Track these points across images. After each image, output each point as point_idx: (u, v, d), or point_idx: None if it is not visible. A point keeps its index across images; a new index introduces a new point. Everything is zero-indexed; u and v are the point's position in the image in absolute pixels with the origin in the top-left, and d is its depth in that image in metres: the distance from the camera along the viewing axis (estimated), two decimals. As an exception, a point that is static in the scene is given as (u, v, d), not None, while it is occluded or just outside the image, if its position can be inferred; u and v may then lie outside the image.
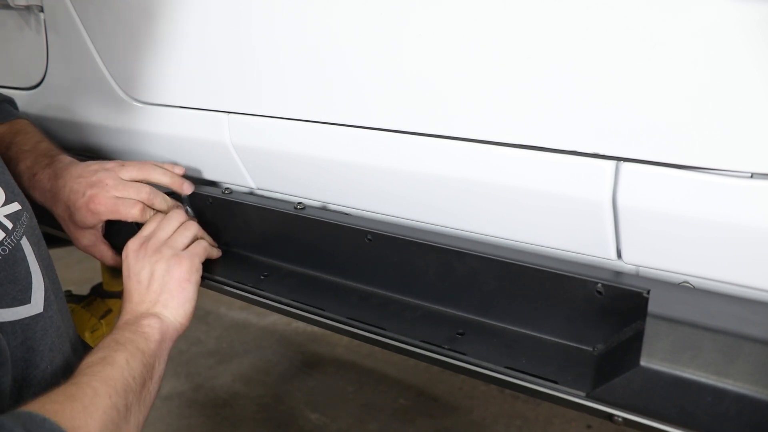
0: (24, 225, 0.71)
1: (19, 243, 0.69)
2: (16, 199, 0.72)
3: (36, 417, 0.53)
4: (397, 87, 0.72)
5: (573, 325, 0.69)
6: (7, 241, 0.67)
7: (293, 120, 0.84)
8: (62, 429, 0.54)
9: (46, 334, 0.69)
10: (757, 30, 0.50)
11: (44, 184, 0.91)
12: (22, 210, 0.72)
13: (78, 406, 0.58)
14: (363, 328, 0.77)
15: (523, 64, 0.63)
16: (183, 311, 0.81)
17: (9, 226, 0.69)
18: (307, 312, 0.82)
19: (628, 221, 0.64)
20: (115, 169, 0.92)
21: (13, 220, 0.70)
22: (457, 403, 2.31)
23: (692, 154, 0.57)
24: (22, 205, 0.73)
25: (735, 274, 0.62)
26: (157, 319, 0.77)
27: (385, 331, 0.75)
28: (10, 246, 0.68)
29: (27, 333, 0.67)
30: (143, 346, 0.72)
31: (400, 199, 0.83)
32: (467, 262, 0.74)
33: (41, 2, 1.07)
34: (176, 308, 0.81)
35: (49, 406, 0.56)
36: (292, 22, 0.78)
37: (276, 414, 2.32)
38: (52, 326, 0.71)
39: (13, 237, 0.68)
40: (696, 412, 0.53)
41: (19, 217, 0.71)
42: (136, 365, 0.69)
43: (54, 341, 0.71)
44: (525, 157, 0.67)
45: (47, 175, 0.91)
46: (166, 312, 0.79)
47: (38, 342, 0.68)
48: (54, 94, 1.16)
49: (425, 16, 0.67)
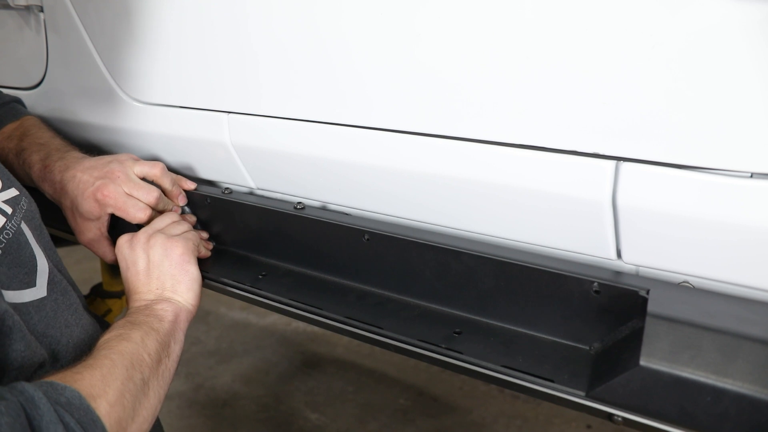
0: (23, 210, 0.73)
1: (19, 227, 0.71)
2: (12, 185, 0.74)
3: (57, 385, 0.55)
4: (397, 87, 0.72)
5: (569, 324, 0.69)
6: (8, 226, 0.69)
7: (293, 120, 0.84)
8: (81, 394, 0.56)
9: (57, 314, 0.70)
10: (757, 30, 0.50)
11: (55, 176, 0.92)
12: (20, 195, 0.74)
13: (97, 375, 0.60)
14: (360, 327, 0.77)
15: (523, 64, 0.63)
16: (192, 293, 0.82)
17: (8, 211, 0.70)
18: (305, 311, 0.82)
19: (628, 221, 0.64)
20: (127, 162, 0.92)
21: (12, 205, 0.71)
22: (456, 403, 2.31)
23: (692, 153, 0.57)
24: (20, 191, 0.75)
25: (735, 274, 0.62)
26: (169, 302, 0.78)
27: (382, 330, 0.75)
28: (12, 230, 0.69)
29: (41, 313, 0.68)
30: (157, 326, 0.73)
31: (400, 199, 0.83)
32: (464, 261, 0.74)
33: (41, 2, 1.07)
34: (185, 292, 0.81)
35: (70, 376, 0.59)
36: (293, 22, 0.78)
37: (276, 414, 2.32)
38: (61, 306, 0.72)
39: (13, 221, 0.70)
40: (696, 411, 0.53)
41: (18, 201, 0.73)
42: (151, 343, 0.70)
43: (68, 318, 0.72)
44: (524, 157, 0.67)
45: (59, 167, 0.92)
46: (176, 297, 0.80)
47: (52, 321, 0.70)
48: (54, 94, 1.16)
49: (425, 16, 0.67)
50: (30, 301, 0.68)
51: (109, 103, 1.05)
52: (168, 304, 0.78)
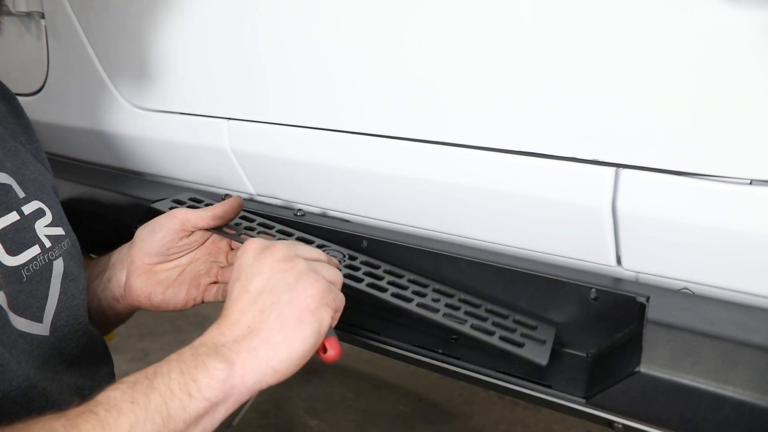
0: (63, 249, 0.74)
1: (51, 263, 0.72)
2: (61, 225, 0.75)
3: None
4: (397, 94, 0.72)
5: (567, 331, 0.69)
6: (40, 258, 0.70)
7: (293, 126, 0.85)
8: None
9: (52, 356, 0.70)
10: (756, 36, 0.50)
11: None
12: (64, 236, 0.75)
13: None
14: (357, 332, 0.77)
15: (522, 71, 0.63)
16: (286, 354, 0.56)
17: (47, 245, 0.72)
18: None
19: (628, 228, 0.65)
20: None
21: (53, 241, 0.73)
22: (456, 409, 2.30)
23: (691, 160, 0.57)
24: (67, 233, 0.76)
25: (735, 281, 0.62)
26: (232, 366, 0.54)
27: (378, 336, 0.75)
28: (42, 263, 0.70)
29: (39, 350, 0.68)
30: (176, 407, 0.51)
31: (401, 205, 0.83)
32: (461, 267, 0.74)
33: (42, 8, 1.08)
34: (277, 347, 0.55)
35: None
36: (293, 30, 0.78)
37: (276, 420, 2.31)
38: (61, 350, 0.71)
39: (47, 256, 0.71)
40: (696, 418, 0.53)
41: (60, 240, 0.74)
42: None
43: (59, 366, 0.70)
44: (524, 164, 0.67)
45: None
46: (261, 351, 0.55)
47: (46, 362, 0.69)
48: (54, 100, 1.16)
49: (424, 23, 0.67)
50: (35, 334, 0.68)
51: (109, 109, 1.06)
52: (223, 370, 0.53)
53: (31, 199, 0.73)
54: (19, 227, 0.70)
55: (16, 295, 0.66)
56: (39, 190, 0.75)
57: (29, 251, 0.69)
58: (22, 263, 0.68)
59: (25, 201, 0.72)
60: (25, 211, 0.72)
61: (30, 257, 0.69)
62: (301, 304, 0.58)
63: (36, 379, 0.65)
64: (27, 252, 0.69)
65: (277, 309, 0.57)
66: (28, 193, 0.73)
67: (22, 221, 0.70)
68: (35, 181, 0.75)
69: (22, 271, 0.68)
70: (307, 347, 0.57)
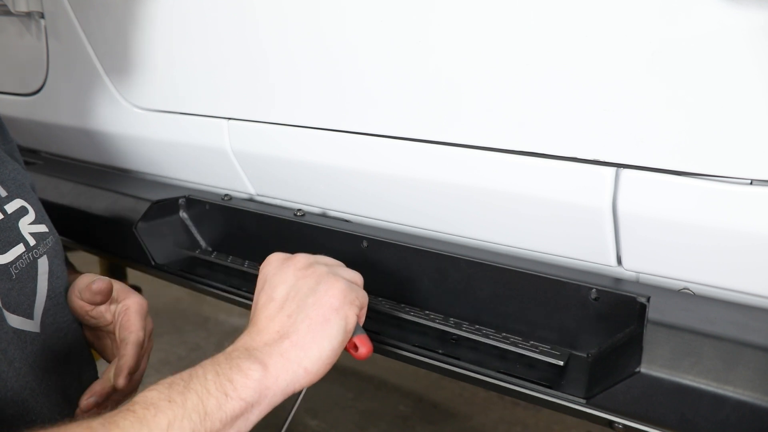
0: (47, 246, 0.75)
1: (36, 261, 0.72)
2: (44, 222, 0.76)
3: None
4: (397, 94, 0.72)
5: (568, 331, 0.69)
6: (25, 256, 0.71)
7: (293, 126, 0.85)
8: None
9: (43, 353, 0.70)
10: (757, 37, 0.50)
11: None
12: (48, 233, 0.75)
13: None
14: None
15: (523, 71, 0.63)
16: (317, 354, 0.57)
17: (31, 243, 0.72)
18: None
19: (628, 228, 0.64)
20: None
21: (37, 239, 0.73)
22: (456, 409, 2.30)
23: (692, 160, 0.57)
24: (50, 230, 0.76)
25: (735, 281, 0.62)
26: (262, 368, 0.55)
27: (379, 336, 0.74)
28: (27, 261, 0.71)
29: (32, 346, 0.69)
30: (213, 406, 0.51)
31: (401, 205, 0.83)
32: (462, 267, 0.74)
33: (42, 8, 1.08)
34: (307, 348, 0.57)
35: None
36: (294, 30, 0.78)
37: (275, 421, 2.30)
38: (52, 347, 0.71)
39: (31, 254, 0.72)
40: (696, 419, 0.53)
41: (44, 238, 0.74)
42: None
43: (48, 364, 0.71)
44: (525, 164, 0.67)
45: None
46: (292, 353, 0.57)
47: (39, 357, 0.69)
48: (54, 100, 1.16)
49: (426, 23, 0.67)
50: (27, 330, 0.69)
51: (109, 109, 1.06)
52: (261, 369, 0.55)
53: (13, 197, 0.74)
54: (3, 226, 0.70)
55: (8, 292, 0.67)
56: (19, 189, 0.75)
57: (14, 249, 0.70)
58: (9, 261, 0.69)
59: (7, 200, 0.73)
60: (8, 210, 0.72)
61: (16, 255, 0.70)
62: (325, 304, 0.59)
63: (26, 380, 0.66)
64: (13, 250, 0.70)
65: (303, 312, 0.59)
66: (9, 191, 0.74)
67: (5, 220, 0.71)
68: (15, 180, 0.76)
69: (11, 269, 0.68)
70: (336, 345, 0.58)
